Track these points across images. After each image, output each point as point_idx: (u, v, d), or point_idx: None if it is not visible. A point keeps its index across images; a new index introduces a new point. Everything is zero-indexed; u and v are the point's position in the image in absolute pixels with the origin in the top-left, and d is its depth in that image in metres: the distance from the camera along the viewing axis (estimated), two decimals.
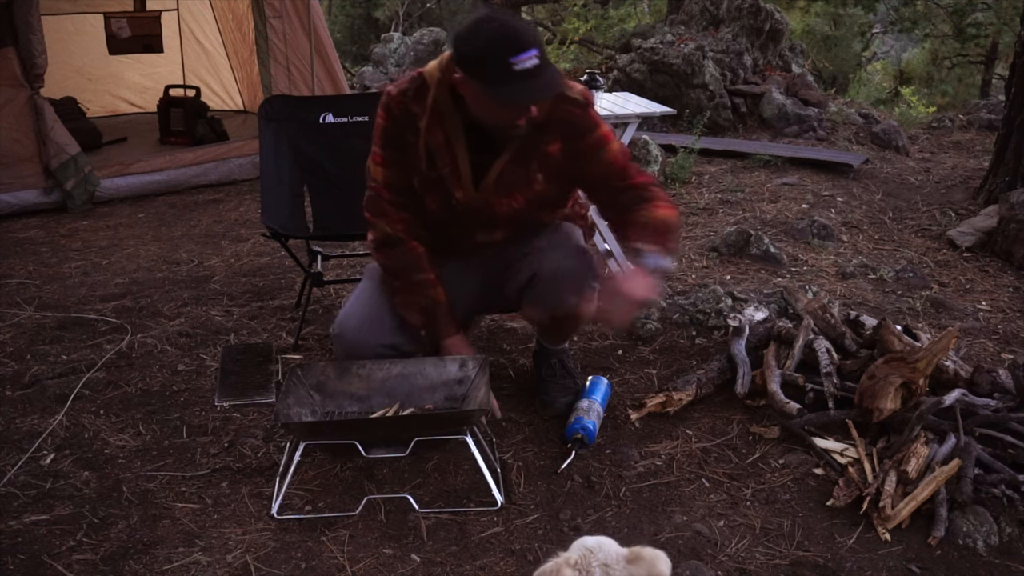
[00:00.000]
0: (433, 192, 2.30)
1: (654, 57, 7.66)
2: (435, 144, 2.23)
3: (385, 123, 2.28)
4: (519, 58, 1.98)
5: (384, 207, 2.33)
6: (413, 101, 2.22)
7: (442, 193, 2.30)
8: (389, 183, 2.32)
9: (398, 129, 2.25)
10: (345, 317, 2.37)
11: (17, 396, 2.72)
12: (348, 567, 1.96)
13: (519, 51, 1.98)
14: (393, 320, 2.37)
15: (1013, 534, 2.05)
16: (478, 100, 2.10)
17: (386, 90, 2.29)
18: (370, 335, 2.35)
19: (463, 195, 2.28)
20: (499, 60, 1.98)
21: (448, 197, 2.30)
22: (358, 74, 10.43)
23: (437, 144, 2.23)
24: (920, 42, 17.71)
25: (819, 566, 1.97)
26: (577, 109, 2.24)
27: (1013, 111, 5.06)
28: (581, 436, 2.38)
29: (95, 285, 3.73)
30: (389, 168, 2.31)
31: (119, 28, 6.59)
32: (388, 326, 2.37)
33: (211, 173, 5.47)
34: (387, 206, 2.33)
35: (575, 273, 2.32)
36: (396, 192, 2.32)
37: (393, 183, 2.31)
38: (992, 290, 3.78)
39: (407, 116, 2.23)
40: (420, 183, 2.30)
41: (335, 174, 3.41)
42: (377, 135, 2.30)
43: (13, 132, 4.68)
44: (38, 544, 2.03)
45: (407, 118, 2.23)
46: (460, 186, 2.27)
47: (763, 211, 4.90)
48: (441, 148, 2.23)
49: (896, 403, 2.35)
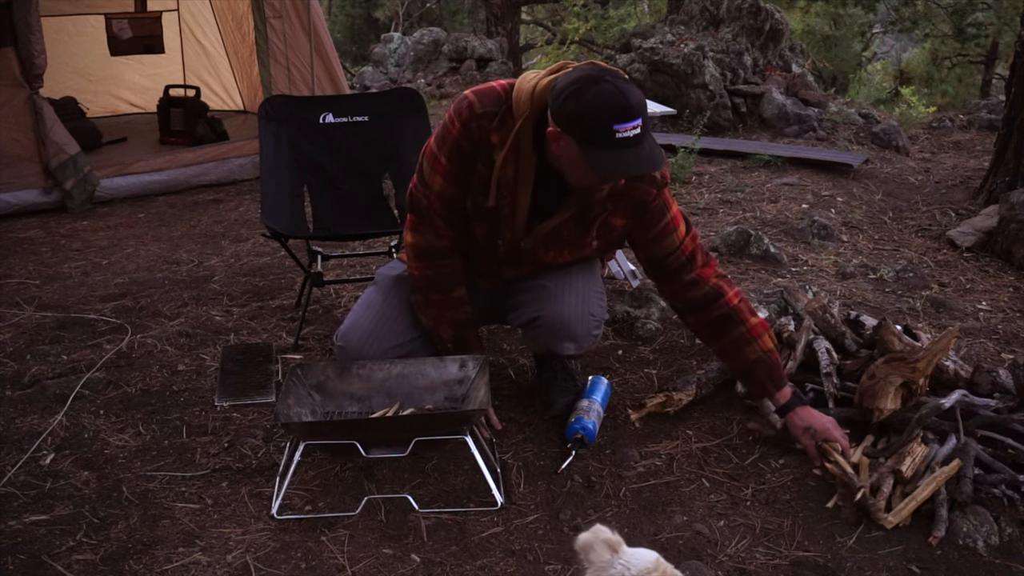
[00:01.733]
0: (483, 223, 2.25)
1: (654, 57, 7.66)
2: (504, 180, 2.15)
3: (460, 138, 2.15)
4: (623, 126, 1.88)
5: (435, 218, 2.28)
6: (495, 130, 2.10)
7: (493, 227, 2.25)
8: (445, 197, 2.24)
9: (473, 150, 2.15)
10: (349, 328, 2.37)
11: (17, 396, 2.72)
12: (348, 567, 1.96)
13: (625, 119, 1.88)
14: (398, 336, 2.38)
15: (1013, 534, 2.05)
16: (569, 157, 2.00)
17: (468, 100, 2.14)
18: (374, 348, 2.36)
19: (511, 237, 2.25)
20: (602, 124, 1.89)
21: (496, 234, 2.26)
22: (358, 74, 10.44)
23: (506, 181, 2.15)
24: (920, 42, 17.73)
25: (819, 566, 1.97)
26: (653, 190, 2.21)
27: (1013, 111, 5.06)
28: (581, 436, 2.38)
29: (95, 285, 3.73)
30: (451, 184, 2.21)
31: (120, 29, 6.59)
32: (392, 342, 2.38)
33: (211, 173, 5.47)
34: (438, 219, 2.27)
35: (577, 322, 2.33)
36: (450, 208, 2.25)
37: (449, 199, 2.24)
38: (992, 290, 3.78)
39: (485, 143, 2.13)
40: (473, 209, 2.23)
41: (335, 174, 3.41)
42: (447, 144, 2.18)
43: (12, 132, 4.68)
44: (38, 544, 2.03)
45: (484, 145, 2.13)
46: (512, 228, 2.23)
47: (763, 211, 4.90)
48: (508, 185, 2.16)
49: (896, 403, 2.35)
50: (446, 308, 2.35)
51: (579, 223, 2.23)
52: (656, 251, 2.31)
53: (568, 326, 2.33)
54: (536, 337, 2.41)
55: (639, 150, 1.93)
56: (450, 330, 2.38)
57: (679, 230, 2.29)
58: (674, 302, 2.43)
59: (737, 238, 4.09)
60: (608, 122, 1.89)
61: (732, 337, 2.30)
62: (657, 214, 2.25)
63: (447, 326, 2.38)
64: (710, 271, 2.32)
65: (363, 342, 2.35)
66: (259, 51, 5.68)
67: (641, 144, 1.93)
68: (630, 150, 1.92)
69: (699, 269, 2.30)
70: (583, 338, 2.37)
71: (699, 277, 2.30)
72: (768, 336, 2.31)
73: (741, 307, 2.30)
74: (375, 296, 2.44)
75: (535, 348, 2.54)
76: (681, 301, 2.37)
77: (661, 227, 2.26)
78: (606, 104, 1.89)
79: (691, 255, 2.30)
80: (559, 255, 2.30)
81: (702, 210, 4.96)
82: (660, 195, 2.24)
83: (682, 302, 2.37)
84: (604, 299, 2.46)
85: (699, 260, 2.31)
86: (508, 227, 2.23)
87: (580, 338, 2.36)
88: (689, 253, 2.29)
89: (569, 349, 2.38)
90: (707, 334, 2.40)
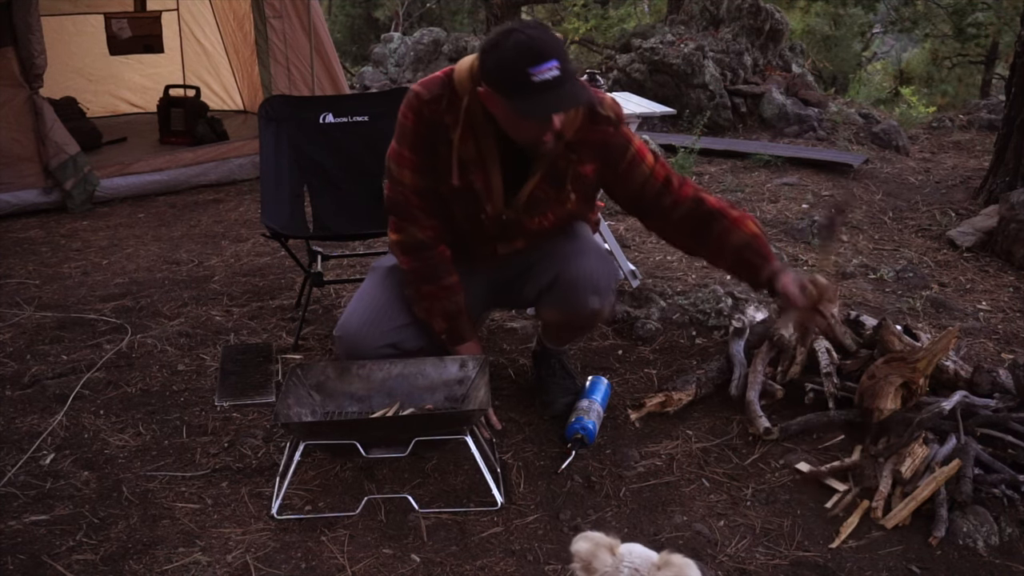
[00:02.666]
0: (462, 204, 2.27)
1: (654, 57, 7.66)
2: (468, 157, 2.18)
3: (416, 127, 2.21)
4: (538, 69, 1.92)
5: (414, 212, 2.29)
6: (446, 111, 2.16)
7: (471, 206, 2.27)
8: (419, 189, 2.27)
9: (430, 135, 2.19)
10: (346, 319, 2.37)
11: (17, 396, 2.72)
12: (348, 567, 1.96)
13: (538, 61, 1.93)
14: (394, 320, 2.37)
15: (1013, 534, 2.05)
16: (502, 114, 2.06)
17: (414, 91, 2.21)
18: (371, 336, 2.35)
19: (493, 210, 2.26)
20: (518, 71, 1.93)
21: (477, 211, 2.27)
22: (358, 74, 10.43)
23: (470, 158, 2.18)
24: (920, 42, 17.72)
25: (819, 566, 1.97)
26: (610, 128, 2.23)
27: (1013, 111, 5.06)
28: (581, 436, 2.38)
29: (95, 285, 3.73)
30: (420, 174, 2.25)
31: (119, 28, 6.59)
32: (389, 326, 2.37)
33: (211, 173, 5.47)
34: (417, 212, 2.29)
35: (599, 277, 2.32)
36: (426, 198, 2.28)
37: (423, 190, 2.27)
38: (992, 290, 3.78)
39: (439, 125, 2.17)
40: (449, 193, 2.25)
41: (335, 174, 3.41)
42: (406, 137, 2.23)
43: (12, 132, 4.68)
44: (38, 544, 2.03)
45: (439, 127, 2.17)
46: (491, 201, 2.25)
47: (763, 211, 4.90)
48: (474, 162, 2.19)
49: (896, 403, 2.35)
50: (438, 299, 2.35)
51: (553, 181, 2.24)
52: (630, 185, 2.30)
53: (591, 278, 2.31)
54: (557, 299, 2.37)
55: (561, 91, 1.97)
56: (443, 322, 2.38)
57: (646, 160, 2.28)
58: (662, 232, 2.42)
59: None
60: (523, 67, 1.93)
61: (716, 232, 2.28)
62: (620, 149, 2.26)
63: (440, 318, 2.37)
64: (688, 189, 2.31)
65: (361, 329, 2.34)
66: (259, 51, 5.68)
67: (563, 86, 1.96)
68: (551, 92, 1.95)
69: (676, 191, 2.30)
70: (606, 291, 2.34)
71: (679, 197, 2.29)
72: (752, 222, 2.28)
73: (722, 205, 2.29)
74: (369, 286, 2.45)
75: (556, 315, 2.46)
76: (669, 226, 2.36)
77: (628, 160, 2.26)
78: (518, 51, 1.94)
79: (665, 180, 2.29)
80: (543, 219, 2.30)
81: None
82: (618, 131, 2.25)
83: (670, 226, 2.36)
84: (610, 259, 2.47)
85: (675, 182, 2.30)
86: (487, 202, 2.25)
87: (603, 291, 2.34)
88: (663, 179, 2.29)
89: (595, 303, 2.33)
90: (694, 242, 2.37)
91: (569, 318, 2.42)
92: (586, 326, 2.54)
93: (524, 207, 2.27)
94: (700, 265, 3.97)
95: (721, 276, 3.81)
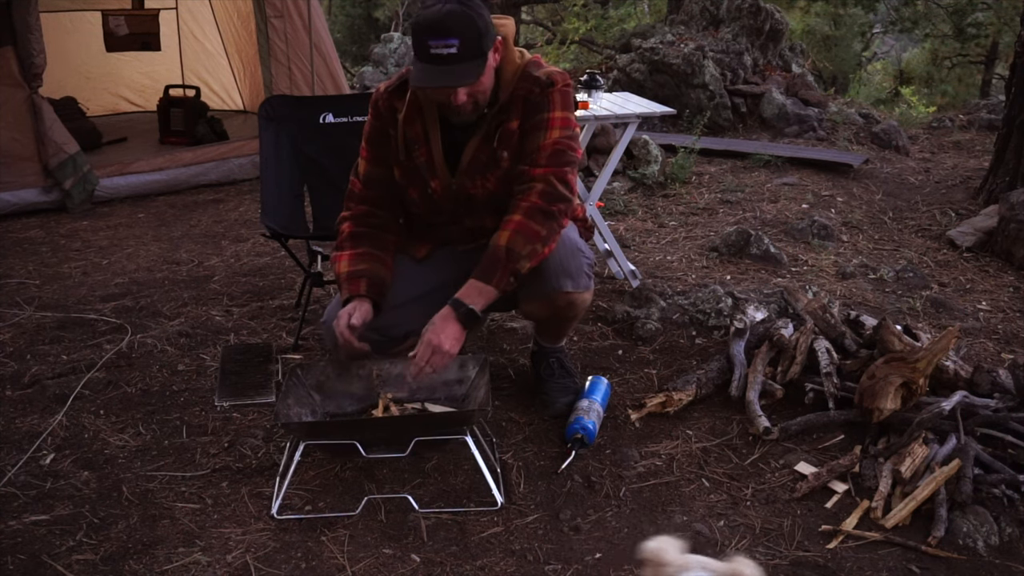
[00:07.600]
0: (412, 183, 2.36)
1: (654, 57, 7.66)
2: (412, 135, 2.30)
3: (372, 121, 2.36)
4: (435, 42, 2.05)
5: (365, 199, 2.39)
6: (395, 96, 2.30)
7: (420, 183, 2.35)
8: (369, 179, 2.39)
9: (382, 125, 2.34)
10: (332, 308, 2.38)
11: (17, 396, 2.72)
12: (348, 567, 1.96)
13: (438, 36, 2.05)
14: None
15: (1013, 534, 2.05)
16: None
17: (377, 89, 2.36)
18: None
19: (438, 183, 2.33)
20: (421, 40, 2.07)
21: (425, 186, 2.34)
22: (358, 74, 10.42)
23: (415, 135, 2.29)
24: (920, 42, 17.73)
25: (819, 566, 1.97)
26: (537, 88, 2.25)
27: (1013, 111, 5.06)
28: (581, 436, 2.38)
29: (95, 285, 3.72)
30: (375, 164, 2.39)
31: (116, 25, 6.57)
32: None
33: (211, 173, 5.47)
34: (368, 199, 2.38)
35: (567, 262, 2.33)
36: (373, 187, 2.38)
37: (373, 178, 2.38)
38: (992, 290, 3.78)
39: (390, 111, 2.32)
40: (401, 175, 2.35)
41: (335, 174, 3.40)
42: (365, 133, 2.39)
43: (12, 131, 4.68)
44: (38, 544, 2.03)
45: (390, 113, 2.32)
46: (435, 175, 2.32)
47: (763, 211, 4.90)
48: (418, 139, 2.30)
49: (896, 403, 2.35)
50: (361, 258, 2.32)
51: (487, 143, 2.27)
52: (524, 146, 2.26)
53: (559, 264, 2.30)
54: (531, 291, 2.36)
55: (449, 69, 2.07)
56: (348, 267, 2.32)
57: (550, 133, 2.23)
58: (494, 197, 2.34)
59: (737, 238, 4.09)
60: (424, 37, 2.07)
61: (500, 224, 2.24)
62: (535, 107, 2.24)
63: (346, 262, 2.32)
64: (541, 172, 2.22)
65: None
66: (260, 50, 5.68)
67: (452, 64, 2.07)
68: (440, 67, 2.07)
69: (533, 166, 2.23)
70: (577, 274, 2.34)
71: (525, 171, 2.24)
72: (510, 234, 2.17)
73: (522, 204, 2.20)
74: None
75: (535, 308, 2.44)
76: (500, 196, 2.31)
77: (535, 121, 2.24)
78: (426, 21, 2.07)
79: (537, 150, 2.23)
80: (484, 182, 2.30)
81: (702, 210, 4.96)
82: (544, 93, 2.24)
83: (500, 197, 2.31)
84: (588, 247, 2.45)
85: (541, 159, 2.23)
86: (431, 177, 2.32)
87: (574, 274, 2.33)
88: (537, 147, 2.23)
89: (567, 286, 2.32)
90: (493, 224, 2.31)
91: (548, 308, 2.42)
92: (568, 314, 2.48)
93: (466, 173, 2.30)
94: (700, 265, 3.98)
95: (721, 276, 3.81)
